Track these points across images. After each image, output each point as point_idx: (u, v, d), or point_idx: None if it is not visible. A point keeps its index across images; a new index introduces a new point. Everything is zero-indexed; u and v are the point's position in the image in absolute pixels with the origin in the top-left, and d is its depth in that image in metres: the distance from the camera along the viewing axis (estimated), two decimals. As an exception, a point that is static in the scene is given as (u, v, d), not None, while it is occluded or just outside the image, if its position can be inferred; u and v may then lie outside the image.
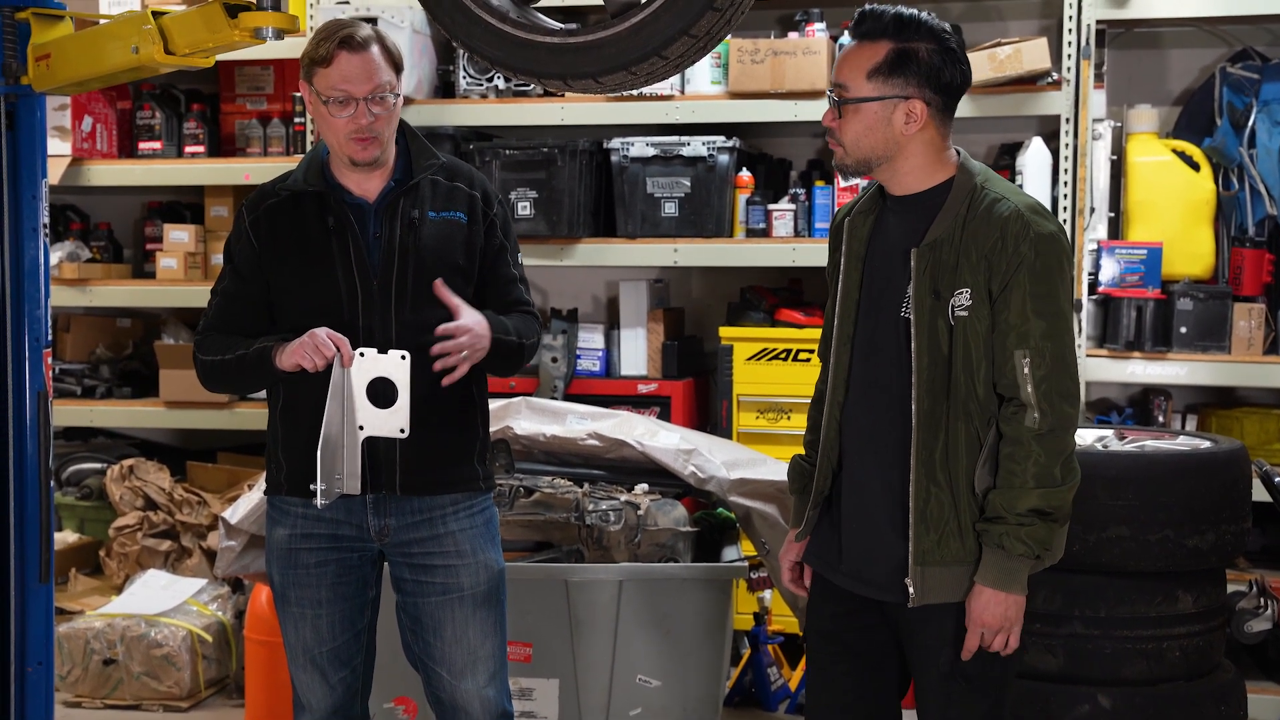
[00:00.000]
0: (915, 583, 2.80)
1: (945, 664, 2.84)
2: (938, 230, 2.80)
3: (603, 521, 4.23)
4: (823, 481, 2.97)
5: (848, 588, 2.94)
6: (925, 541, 2.79)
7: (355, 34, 3.09)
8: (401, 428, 3.09)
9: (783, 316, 5.41)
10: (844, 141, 2.85)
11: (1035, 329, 2.74)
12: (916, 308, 2.79)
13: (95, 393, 6.09)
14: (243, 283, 3.23)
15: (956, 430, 2.79)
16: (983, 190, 2.82)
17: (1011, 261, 2.74)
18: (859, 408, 2.91)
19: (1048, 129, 5.36)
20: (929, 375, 2.78)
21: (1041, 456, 2.73)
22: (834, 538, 2.97)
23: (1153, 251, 5.13)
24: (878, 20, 2.81)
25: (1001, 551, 2.75)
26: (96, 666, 5.04)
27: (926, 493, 2.79)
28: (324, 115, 3.12)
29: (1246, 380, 5.21)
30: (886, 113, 2.80)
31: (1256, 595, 4.51)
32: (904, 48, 2.79)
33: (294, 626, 3.26)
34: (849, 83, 2.82)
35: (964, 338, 2.77)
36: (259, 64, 6.02)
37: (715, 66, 5.43)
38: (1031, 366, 2.74)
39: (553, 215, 5.46)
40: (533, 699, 4.14)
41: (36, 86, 3.60)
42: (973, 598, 2.78)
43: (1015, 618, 2.79)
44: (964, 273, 2.77)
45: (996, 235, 2.76)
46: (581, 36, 2.66)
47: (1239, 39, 5.51)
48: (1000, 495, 2.76)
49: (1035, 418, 2.73)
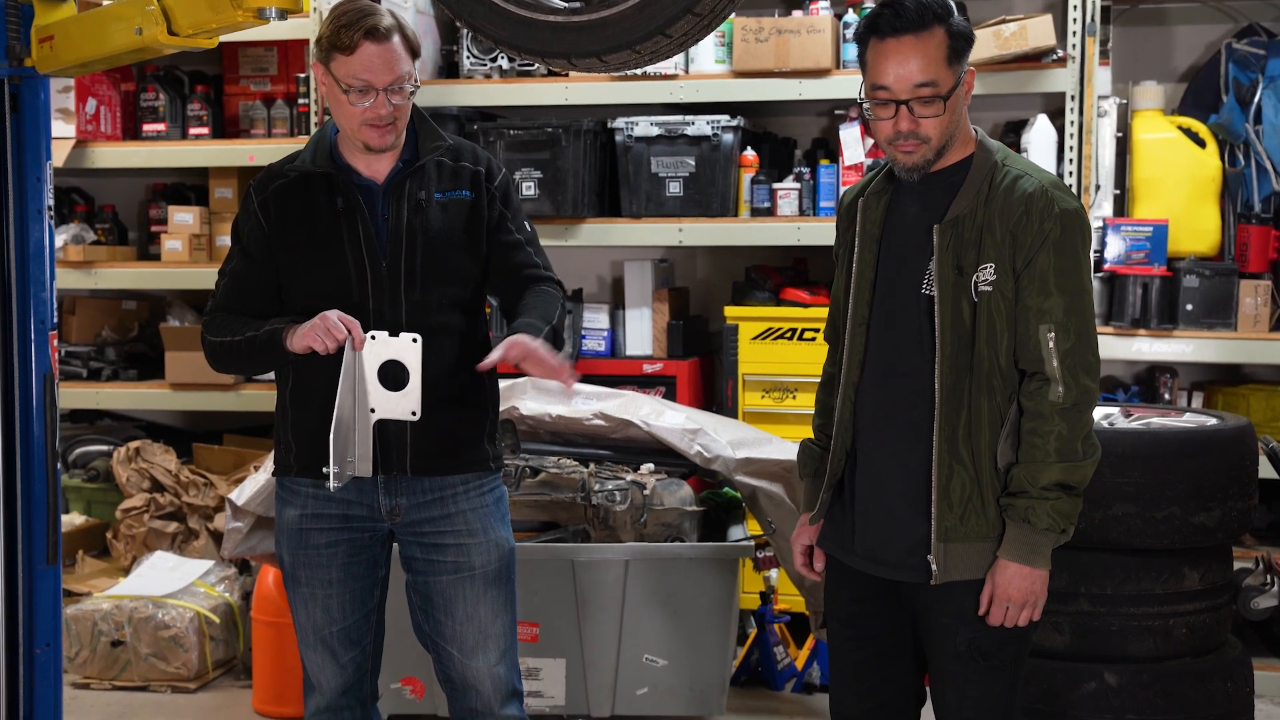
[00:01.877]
0: (938, 560, 2.80)
1: (962, 642, 2.84)
2: (959, 206, 2.80)
3: (609, 501, 4.24)
4: (836, 464, 2.97)
5: (862, 569, 2.95)
6: (948, 518, 2.79)
7: (380, 23, 3.07)
8: (413, 410, 3.09)
9: (788, 296, 5.41)
10: (933, 136, 2.80)
11: (1059, 304, 2.76)
12: (940, 283, 2.79)
13: (101, 375, 6.09)
14: (251, 263, 3.23)
15: (979, 406, 2.79)
16: (1004, 167, 2.83)
17: (1036, 237, 2.76)
18: (875, 387, 2.91)
19: (1053, 106, 5.35)
20: (953, 351, 2.79)
21: (1065, 430, 2.75)
22: (847, 520, 2.97)
23: (1158, 229, 5.12)
24: (920, 8, 2.76)
25: (1027, 526, 2.76)
26: (104, 648, 5.05)
27: (949, 469, 2.79)
28: (341, 101, 3.10)
29: (1252, 357, 5.21)
30: (961, 91, 2.82)
31: (1263, 572, 4.51)
32: (950, 25, 2.78)
33: (304, 607, 3.26)
34: (938, 78, 2.77)
35: (988, 313, 2.78)
36: (262, 45, 6.01)
37: (719, 45, 5.41)
38: (1056, 341, 2.75)
39: (557, 195, 5.45)
40: (540, 679, 4.15)
41: (40, 68, 3.60)
42: (997, 572, 2.79)
43: (1040, 591, 2.80)
44: (988, 248, 2.78)
45: (1021, 211, 2.76)
46: (586, 15, 2.66)
47: (1245, 14, 5.49)
48: (1024, 469, 2.77)
49: (1060, 392, 2.74)
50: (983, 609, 2.82)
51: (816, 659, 4.97)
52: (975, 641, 2.84)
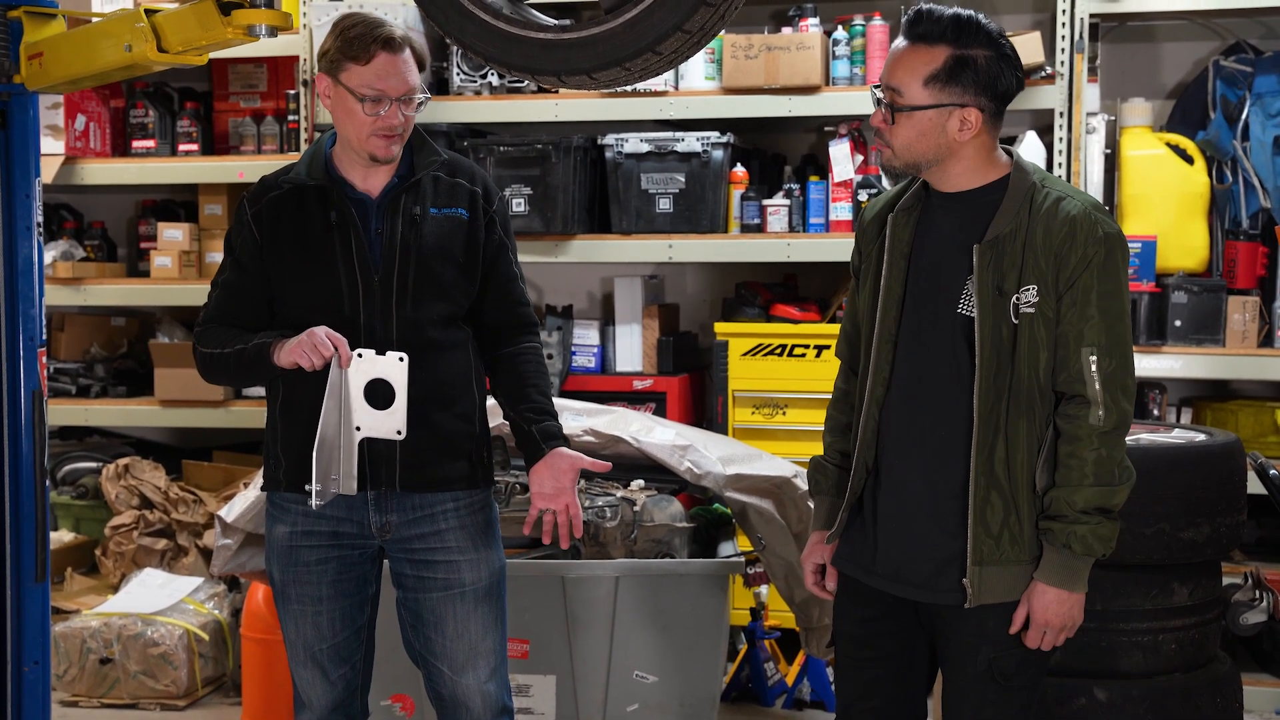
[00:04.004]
0: (973, 583, 2.77)
1: (983, 662, 2.81)
2: (999, 227, 2.76)
3: (599, 518, 4.23)
4: (857, 481, 2.93)
5: (882, 589, 2.90)
6: (985, 542, 2.76)
7: (394, 34, 3.09)
8: (398, 429, 3.09)
9: (778, 312, 5.41)
10: (894, 145, 2.79)
11: (1102, 327, 2.73)
12: (980, 304, 2.75)
13: (90, 392, 6.08)
14: (244, 274, 3.22)
15: (1017, 428, 2.76)
16: (1043, 188, 2.79)
17: (1081, 260, 2.73)
18: (903, 406, 2.86)
19: (1042, 123, 5.36)
20: (992, 372, 2.75)
21: (1104, 454, 2.73)
22: (868, 538, 2.92)
23: (1147, 245, 5.13)
24: (936, 23, 2.74)
25: (1067, 551, 2.74)
26: (93, 665, 5.03)
27: (986, 492, 2.76)
28: (353, 111, 3.10)
29: (1241, 373, 5.22)
30: (941, 120, 2.76)
31: (1252, 587, 4.51)
32: (962, 55, 2.73)
33: (294, 623, 3.25)
34: (904, 88, 2.75)
35: (1029, 334, 2.75)
36: (252, 61, 6.02)
37: (709, 62, 5.43)
38: (1099, 364, 2.73)
39: (547, 212, 5.46)
40: (530, 695, 4.14)
41: (29, 85, 3.60)
42: (1035, 596, 2.77)
43: (1078, 615, 2.78)
44: (1030, 269, 2.74)
45: (1066, 232, 2.73)
46: (575, 32, 2.66)
47: (1232, 32, 5.51)
48: (1062, 493, 2.74)
49: (1100, 415, 2.72)
50: (1015, 628, 2.79)
51: (806, 675, 4.96)
52: (996, 662, 2.81)
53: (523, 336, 3.34)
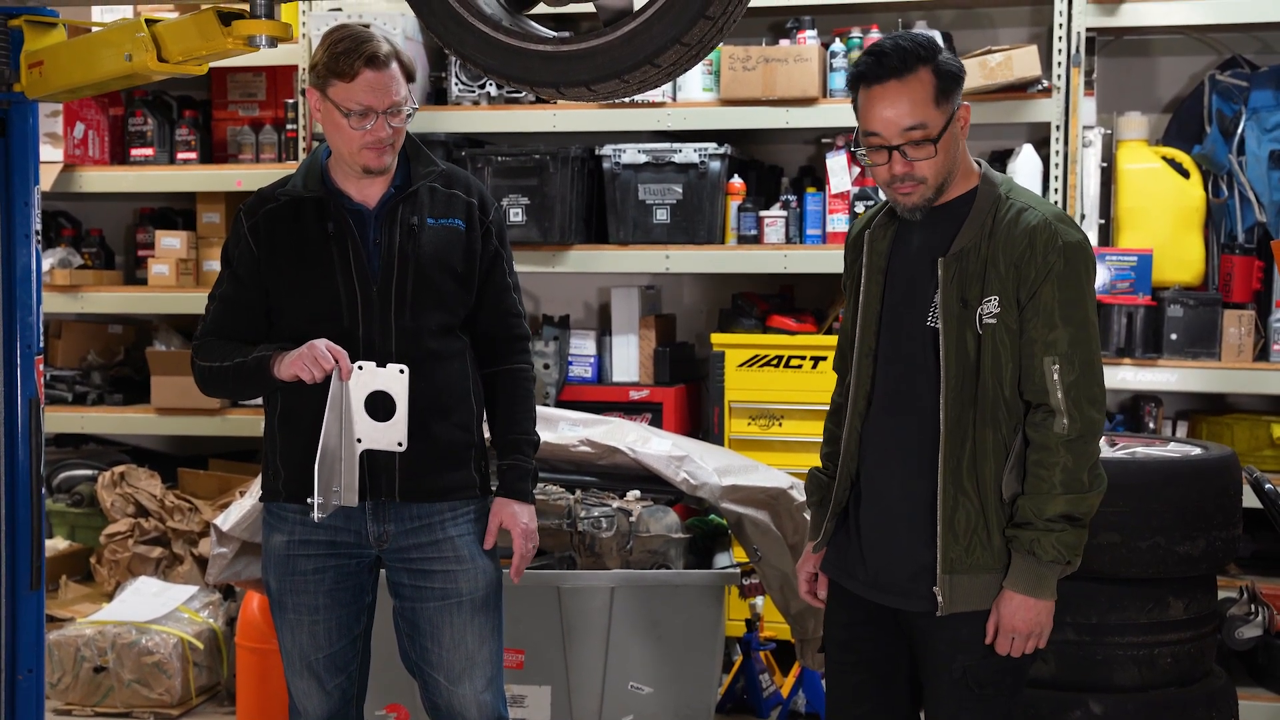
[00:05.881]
0: (944, 591, 2.81)
1: (959, 670, 2.85)
2: (964, 239, 2.82)
3: (595, 528, 4.23)
4: (842, 492, 2.99)
5: (864, 595, 2.96)
6: (954, 550, 2.80)
7: (379, 50, 3.10)
8: (399, 441, 3.10)
9: (774, 323, 5.42)
10: (929, 176, 2.82)
11: (1064, 336, 2.77)
12: (944, 316, 2.81)
13: (87, 399, 6.08)
14: (241, 287, 3.23)
15: (984, 437, 2.80)
16: (1008, 200, 2.85)
17: (1040, 269, 2.77)
18: (881, 418, 2.92)
19: (1038, 136, 5.37)
20: (957, 383, 2.80)
21: (1070, 462, 2.76)
22: (852, 546, 2.98)
23: (1143, 258, 5.14)
24: (901, 54, 2.79)
25: (1033, 558, 2.77)
26: (87, 674, 5.03)
27: (954, 501, 2.80)
28: (340, 125, 3.11)
29: (1237, 387, 5.23)
30: (955, 129, 2.83)
31: (1247, 602, 4.52)
32: (936, 65, 2.80)
33: (291, 633, 3.25)
34: (926, 120, 2.79)
35: (992, 345, 2.79)
36: (251, 70, 6.02)
37: (707, 74, 5.44)
38: (1061, 373, 2.76)
39: (544, 222, 5.46)
40: (525, 706, 4.14)
41: (29, 93, 3.61)
42: (1003, 603, 2.80)
43: (1045, 622, 2.81)
44: (992, 281, 2.79)
45: (1025, 243, 2.78)
46: (574, 44, 2.67)
47: (1228, 47, 5.52)
48: (1029, 501, 2.78)
49: (1064, 423, 2.76)
50: (989, 639, 2.82)
51: (802, 686, 4.96)
52: (971, 670, 2.84)
53: (514, 355, 3.35)
